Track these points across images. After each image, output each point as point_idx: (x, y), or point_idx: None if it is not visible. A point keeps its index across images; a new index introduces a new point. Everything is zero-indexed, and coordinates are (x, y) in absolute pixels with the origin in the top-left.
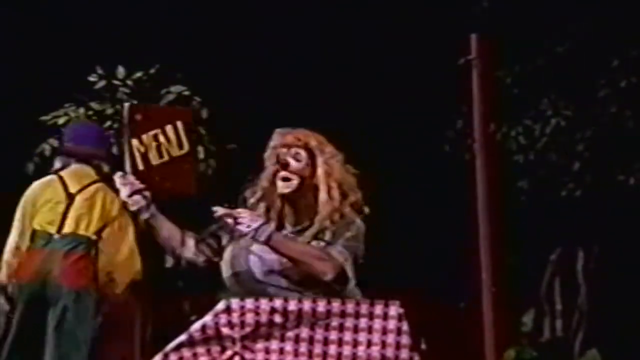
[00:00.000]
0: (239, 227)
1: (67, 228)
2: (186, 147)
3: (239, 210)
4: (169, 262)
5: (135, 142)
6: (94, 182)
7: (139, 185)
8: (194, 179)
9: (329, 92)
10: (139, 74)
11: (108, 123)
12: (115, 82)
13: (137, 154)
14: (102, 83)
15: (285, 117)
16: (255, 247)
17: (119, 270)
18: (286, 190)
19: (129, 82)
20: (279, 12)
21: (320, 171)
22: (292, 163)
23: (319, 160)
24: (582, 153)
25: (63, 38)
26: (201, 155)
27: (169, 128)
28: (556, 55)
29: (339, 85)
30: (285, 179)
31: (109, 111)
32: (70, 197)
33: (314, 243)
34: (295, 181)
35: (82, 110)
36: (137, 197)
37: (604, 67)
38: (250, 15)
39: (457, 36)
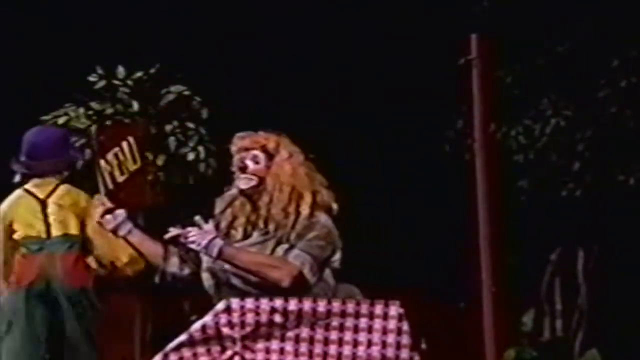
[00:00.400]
0: (191, 245)
1: (56, 231)
2: (139, 161)
3: (188, 229)
4: (156, 277)
5: (102, 162)
6: (58, 184)
7: (108, 204)
8: (149, 191)
9: (329, 92)
10: (139, 74)
11: (108, 123)
12: (116, 82)
13: (105, 174)
14: (102, 83)
15: (285, 117)
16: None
17: (120, 255)
18: (244, 187)
19: (129, 82)
20: (279, 12)
21: (270, 173)
22: (250, 165)
23: (273, 162)
24: (582, 153)
25: (63, 38)
26: (202, 155)
27: (124, 145)
28: (556, 55)
29: (339, 85)
30: (244, 180)
31: (109, 111)
32: (43, 203)
33: (278, 249)
34: (253, 181)
35: (82, 110)
36: (108, 216)
37: (604, 67)
38: (250, 15)
39: (457, 36)
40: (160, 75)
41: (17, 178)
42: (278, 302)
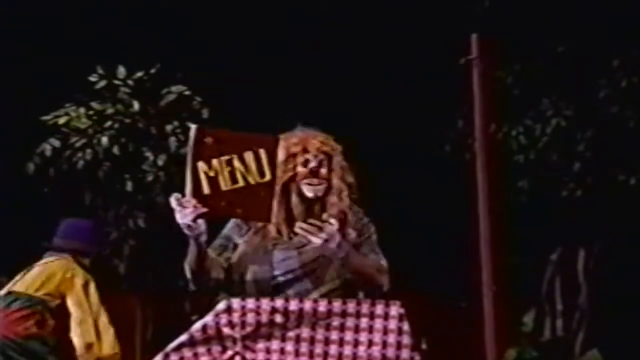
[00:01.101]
0: (325, 243)
1: (17, 288)
2: (268, 175)
3: (314, 223)
4: (191, 286)
5: (202, 165)
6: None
7: (202, 209)
8: (271, 207)
9: (330, 92)
10: (139, 74)
11: (108, 123)
12: (116, 82)
13: (203, 177)
14: (102, 83)
15: (286, 116)
16: (275, 250)
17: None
18: (315, 194)
19: (130, 82)
20: (279, 12)
21: (336, 174)
22: (321, 169)
23: (334, 163)
24: (583, 153)
25: (64, 38)
26: None
27: (248, 155)
28: (557, 55)
29: (339, 86)
30: (313, 184)
31: (110, 111)
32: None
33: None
34: (322, 186)
35: (82, 110)
36: (200, 221)
37: (605, 67)
38: (251, 16)
39: (457, 36)
40: (161, 75)
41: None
42: (279, 302)
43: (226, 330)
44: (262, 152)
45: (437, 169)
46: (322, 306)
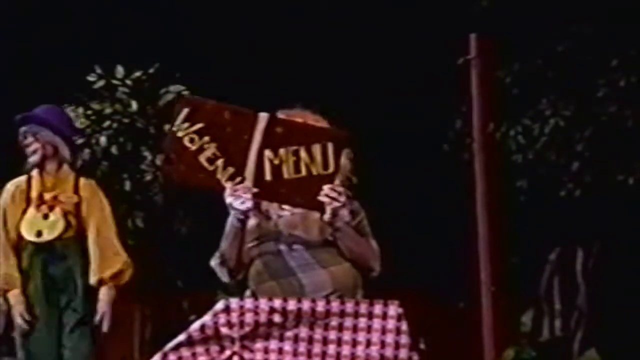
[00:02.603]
0: (337, 205)
1: None
2: (332, 168)
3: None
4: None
5: (268, 152)
6: None
7: (260, 195)
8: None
9: (329, 92)
10: (138, 74)
11: (107, 122)
12: (115, 81)
13: (267, 165)
14: (101, 82)
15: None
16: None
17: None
18: None
19: (128, 82)
20: (279, 12)
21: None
22: None
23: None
24: (582, 153)
25: (62, 38)
26: None
27: (315, 147)
28: (555, 54)
29: (338, 86)
30: None
31: (108, 111)
32: None
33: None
34: None
35: (81, 109)
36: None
37: (603, 67)
38: (250, 15)
39: (456, 36)
40: (159, 75)
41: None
42: (277, 302)
43: (224, 330)
44: (330, 146)
45: (436, 169)
46: (320, 306)
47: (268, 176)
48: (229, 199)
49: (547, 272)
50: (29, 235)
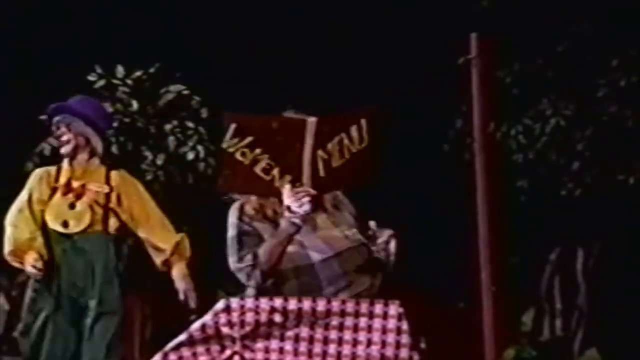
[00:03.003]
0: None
1: None
2: (366, 140)
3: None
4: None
5: (320, 152)
6: None
7: (314, 194)
8: (372, 169)
9: (328, 91)
10: (138, 73)
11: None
12: (115, 81)
13: (320, 163)
14: (101, 82)
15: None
16: (304, 238)
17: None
18: None
19: (129, 81)
20: (280, 11)
21: None
22: None
23: None
24: (582, 152)
25: (62, 37)
26: (201, 155)
27: (353, 129)
28: (556, 54)
29: (338, 85)
30: None
31: (108, 110)
32: None
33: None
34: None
35: None
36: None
37: (604, 67)
38: (251, 14)
39: (456, 35)
40: (160, 74)
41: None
42: (277, 302)
43: (225, 330)
44: (364, 122)
45: (436, 169)
46: (321, 305)
47: (322, 172)
48: (287, 201)
49: (548, 271)
50: (54, 224)
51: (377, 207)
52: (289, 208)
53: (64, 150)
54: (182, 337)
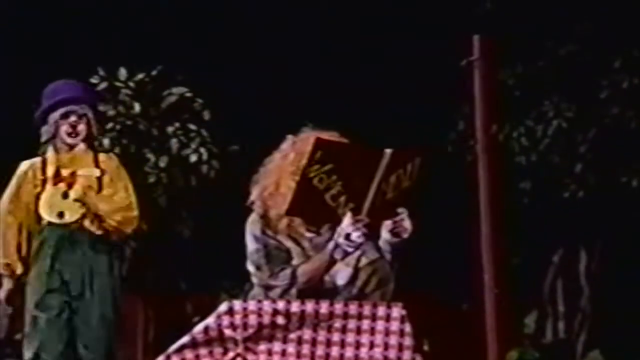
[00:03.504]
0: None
1: None
2: (414, 178)
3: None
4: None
5: (383, 184)
6: None
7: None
8: (412, 206)
9: (331, 93)
10: (140, 76)
11: (110, 125)
12: (117, 83)
13: (379, 193)
14: (104, 84)
15: (286, 119)
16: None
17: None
18: None
19: (131, 84)
20: (281, 14)
21: None
22: None
23: None
24: (585, 154)
25: (65, 40)
26: (204, 157)
27: (409, 165)
28: (558, 56)
29: (340, 87)
30: None
31: (111, 113)
32: None
33: None
34: None
35: None
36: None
37: (606, 69)
38: (252, 17)
39: (459, 37)
40: (162, 77)
41: None
42: (280, 304)
43: (228, 332)
44: (418, 160)
45: (439, 171)
46: (324, 308)
47: (378, 203)
48: (348, 229)
49: (551, 273)
50: (49, 216)
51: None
52: (347, 235)
53: (74, 141)
54: (184, 339)
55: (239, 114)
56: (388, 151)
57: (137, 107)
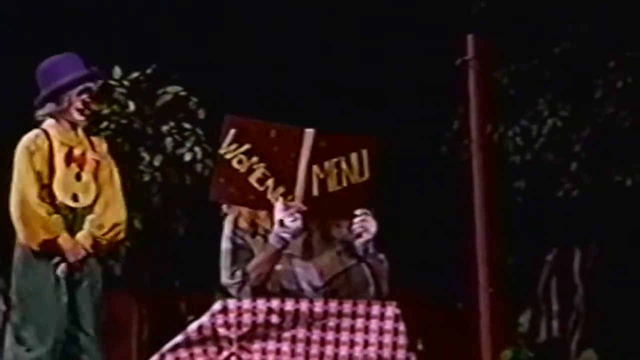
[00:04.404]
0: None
1: None
2: (367, 174)
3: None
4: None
5: (315, 168)
6: None
7: (305, 210)
8: (368, 205)
9: (327, 92)
10: (135, 74)
11: (104, 123)
12: (112, 82)
13: (314, 180)
14: (100, 82)
15: (282, 117)
16: (296, 264)
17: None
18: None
19: (126, 82)
20: (278, 12)
21: None
22: None
23: None
24: (579, 153)
25: (59, 38)
26: (199, 156)
27: (353, 156)
28: (553, 55)
29: (336, 86)
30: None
31: (106, 111)
32: None
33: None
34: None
35: None
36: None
37: (601, 68)
38: (248, 15)
39: (453, 37)
40: (157, 75)
41: None
42: (275, 303)
43: (222, 331)
44: (365, 153)
45: (434, 170)
46: (318, 307)
47: (315, 191)
48: (280, 215)
49: (545, 272)
50: (64, 198)
51: (374, 208)
52: (281, 222)
53: (82, 119)
54: (179, 338)
55: (234, 112)
56: (309, 131)
57: (131, 106)
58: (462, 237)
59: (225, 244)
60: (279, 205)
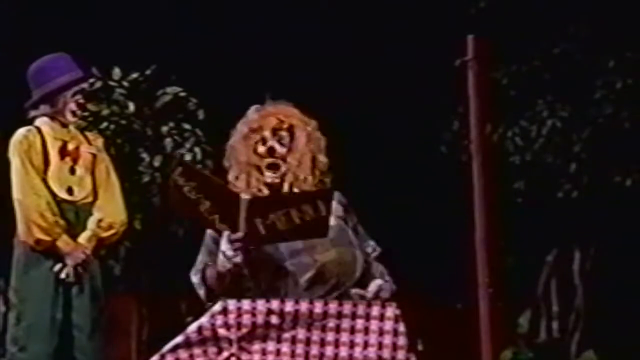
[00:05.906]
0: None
1: None
2: (324, 212)
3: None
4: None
5: (258, 220)
6: None
7: (249, 245)
8: (327, 223)
9: (326, 93)
10: (135, 75)
11: (104, 124)
12: (111, 83)
13: (260, 226)
14: (97, 84)
15: None
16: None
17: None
18: (275, 181)
19: (125, 83)
20: (276, 13)
21: (298, 145)
22: (278, 148)
23: (297, 135)
24: (579, 154)
25: (58, 39)
26: (198, 157)
27: (307, 207)
28: (552, 56)
29: (335, 87)
30: (273, 166)
31: (105, 112)
32: None
33: None
34: (283, 168)
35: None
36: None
37: (601, 68)
38: (248, 15)
39: (453, 37)
40: (156, 76)
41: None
42: (274, 304)
43: (222, 332)
44: (320, 202)
45: (434, 171)
46: (318, 307)
47: (262, 231)
48: (224, 247)
49: (545, 273)
50: (59, 192)
51: (374, 209)
52: (223, 253)
53: (75, 120)
54: (178, 338)
55: (234, 114)
56: (245, 198)
57: (131, 107)
58: (462, 237)
59: (205, 240)
60: (224, 237)
